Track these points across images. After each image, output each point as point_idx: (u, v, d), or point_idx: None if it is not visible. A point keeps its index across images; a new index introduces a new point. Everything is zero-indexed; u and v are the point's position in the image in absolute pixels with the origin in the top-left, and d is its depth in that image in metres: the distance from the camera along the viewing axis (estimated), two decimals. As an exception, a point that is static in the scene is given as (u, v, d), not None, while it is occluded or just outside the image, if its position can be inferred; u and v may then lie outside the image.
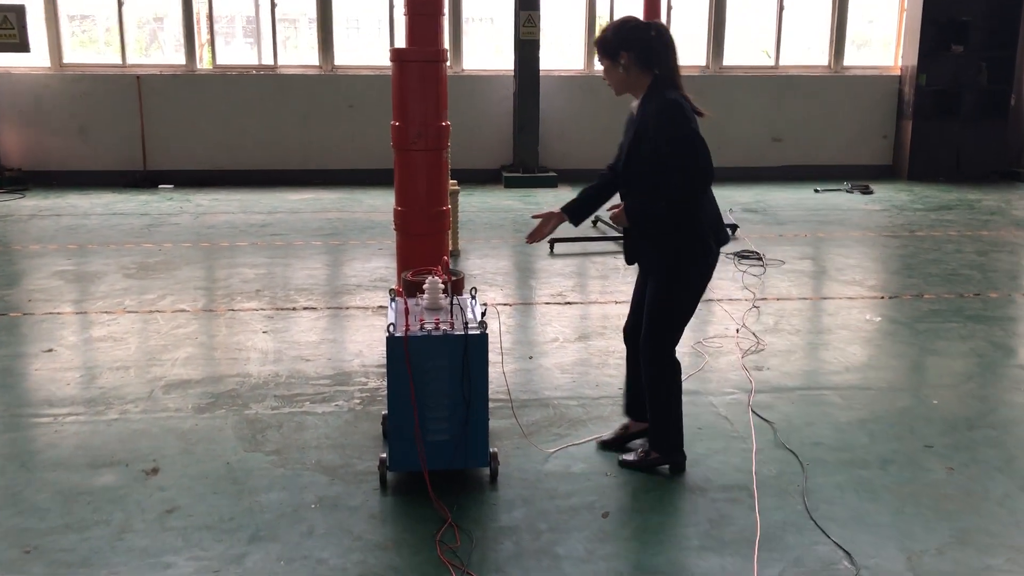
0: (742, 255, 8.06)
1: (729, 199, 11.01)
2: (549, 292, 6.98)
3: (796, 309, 6.57)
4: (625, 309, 6.71)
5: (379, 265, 7.72)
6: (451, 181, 8.41)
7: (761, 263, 7.82)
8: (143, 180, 12.31)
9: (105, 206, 10.64)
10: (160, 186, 12.19)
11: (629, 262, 4.02)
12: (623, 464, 4.00)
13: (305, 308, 6.48)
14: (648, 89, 3.72)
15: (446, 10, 6.33)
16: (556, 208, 4.11)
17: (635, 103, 3.83)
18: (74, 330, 5.92)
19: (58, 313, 6.29)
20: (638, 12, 8.56)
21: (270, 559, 3.22)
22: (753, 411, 4.59)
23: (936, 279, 7.39)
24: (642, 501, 3.68)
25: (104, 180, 12.25)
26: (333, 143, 12.60)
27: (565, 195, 11.89)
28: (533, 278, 7.52)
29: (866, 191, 11.85)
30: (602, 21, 13.27)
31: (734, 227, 9.06)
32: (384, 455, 3.77)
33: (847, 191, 11.99)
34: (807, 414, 4.59)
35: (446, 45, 6.46)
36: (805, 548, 3.33)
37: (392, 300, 4.16)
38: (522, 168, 12.65)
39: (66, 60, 12.47)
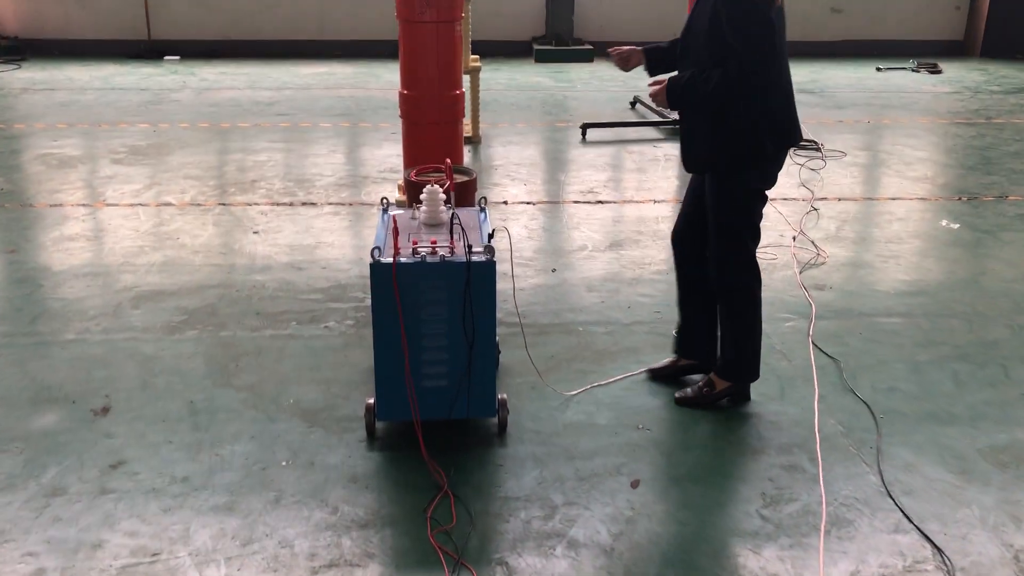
0: (799, 145, 7.16)
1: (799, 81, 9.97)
2: (579, 188, 6.21)
3: (860, 212, 5.76)
4: (665, 210, 5.99)
5: (391, 153, 6.96)
6: (472, 56, 7.55)
7: (820, 155, 6.95)
8: (147, 51, 11.47)
9: (104, 79, 9.87)
10: (166, 58, 11.36)
11: (688, 168, 3.31)
12: (680, 401, 3.41)
13: (304, 204, 5.78)
14: None
15: None
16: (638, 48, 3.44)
17: None
18: (44, 226, 5.29)
19: (29, 206, 5.65)
20: None
21: (223, 538, 2.64)
22: (814, 344, 3.88)
23: (1021, 177, 6.49)
24: (681, 467, 3.04)
25: (107, 50, 11.43)
26: (351, 10, 11.59)
27: (602, 71, 11.00)
28: (562, 170, 6.73)
29: (934, 70, 10.72)
30: None
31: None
32: (372, 400, 3.15)
33: (913, 70, 10.87)
34: (878, 349, 3.88)
35: None
36: (881, 537, 2.69)
37: (384, 211, 3.45)
38: (555, 40, 11.61)
39: (60, -84, 11.45)
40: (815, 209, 5.69)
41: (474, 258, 2.99)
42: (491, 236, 3.10)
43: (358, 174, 6.47)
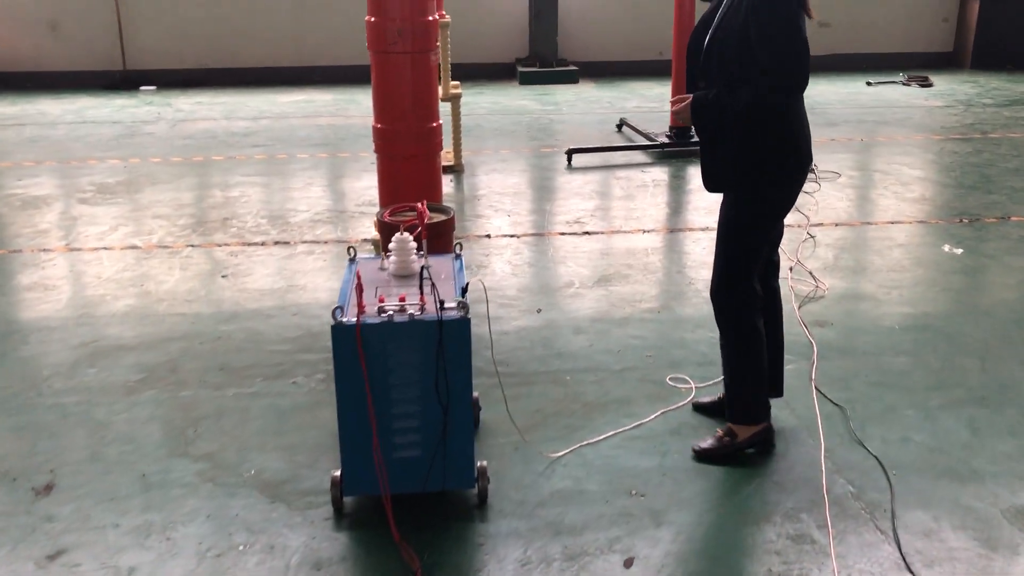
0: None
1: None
2: (565, 218, 5.96)
3: (858, 238, 5.51)
4: (654, 240, 5.71)
5: (370, 184, 6.68)
6: (452, 83, 7.32)
7: (814, 176, 6.71)
8: (123, 82, 11.21)
9: (76, 112, 9.61)
10: (141, 88, 11.10)
11: (710, 188, 3.15)
12: (698, 454, 3.18)
13: (277, 243, 5.51)
14: None
15: None
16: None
17: None
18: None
19: (-15, 253, 5.38)
20: None
21: (170, 643, 2.36)
22: (818, 390, 3.62)
23: (1021, 195, 6.27)
24: (678, 540, 2.76)
25: (81, 81, 11.17)
26: (330, 35, 11.37)
27: (588, 92, 10.78)
28: (547, 199, 6.48)
29: (925, 83, 10.54)
30: None
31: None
32: (338, 473, 2.87)
33: (903, 83, 10.68)
34: (886, 394, 3.62)
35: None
36: (904, 621, 2.42)
37: (350, 261, 3.19)
38: (539, 62, 11.40)
39: (30, -54, 11.21)
40: (811, 236, 5.45)
41: (446, 315, 2.72)
42: (465, 289, 2.84)
43: (335, 208, 6.21)
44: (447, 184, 6.74)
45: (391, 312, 2.73)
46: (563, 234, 5.65)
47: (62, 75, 11.24)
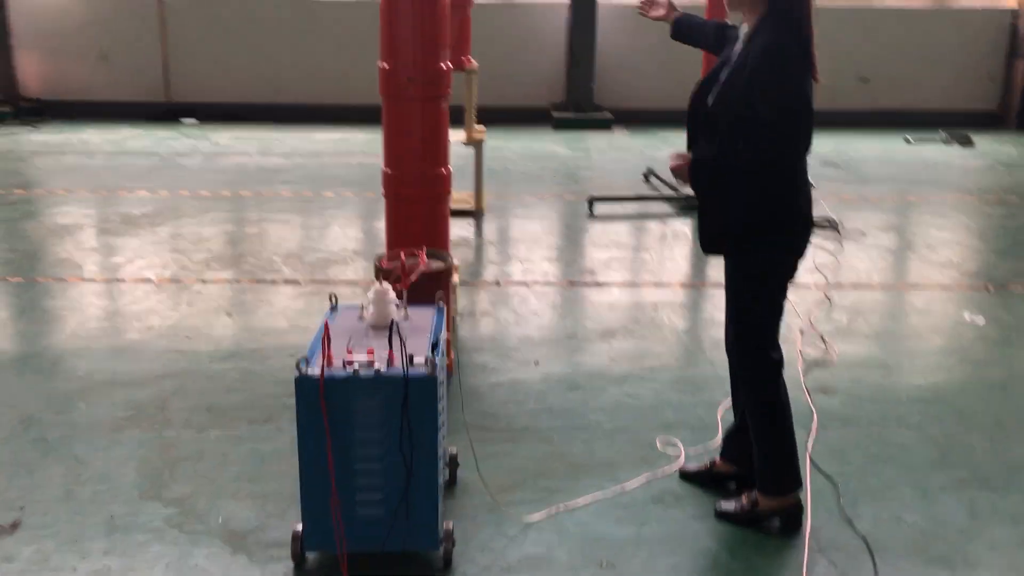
0: (816, 223, 6.78)
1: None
2: (578, 268, 5.89)
3: (876, 301, 5.36)
4: (666, 295, 5.61)
5: (388, 225, 6.70)
6: (477, 127, 7.35)
7: (837, 234, 6.57)
8: (166, 113, 11.44)
9: (116, 143, 9.81)
10: (183, 120, 11.32)
11: (707, 250, 3.12)
12: (721, 515, 3.10)
13: (287, 281, 5.52)
14: (762, 17, 2.87)
15: None
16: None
17: (743, 29, 2.98)
18: (8, 302, 5.08)
19: (1, 279, 5.46)
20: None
21: None
22: (813, 462, 3.49)
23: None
24: (643, 616, 2.65)
25: (126, 112, 11.41)
26: (369, 75, 11.47)
27: (620, 140, 10.75)
28: (564, 247, 6.42)
29: (966, 143, 10.32)
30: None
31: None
32: (299, 527, 2.81)
33: (943, 142, 10.47)
34: (884, 469, 3.48)
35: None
36: None
37: (332, 309, 3.16)
38: (574, 108, 11.41)
39: (83, -19, 11.57)
40: (827, 298, 5.31)
41: (413, 372, 2.67)
42: (435, 347, 2.78)
43: (350, 248, 6.22)
44: (465, 228, 6.74)
45: (357, 366, 2.68)
46: (574, 284, 5.58)
47: (109, 105, 11.50)
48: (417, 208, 4.82)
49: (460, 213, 7.13)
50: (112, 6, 11.37)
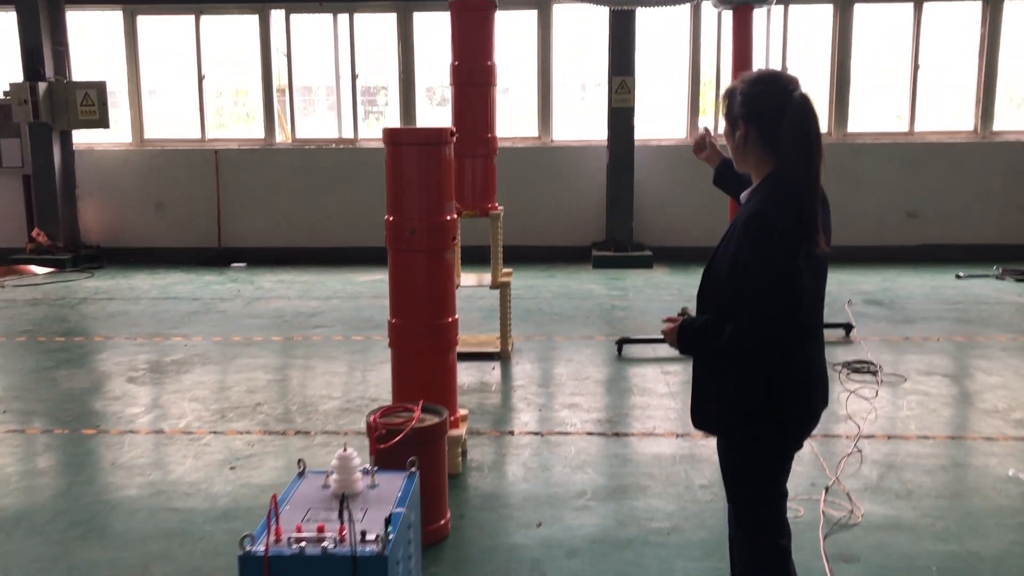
0: (853, 366, 6.53)
1: (851, 286, 9.42)
2: (597, 416, 5.70)
3: (912, 454, 5.03)
4: (686, 446, 5.31)
5: (410, 371, 6.64)
6: (504, 270, 7.36)
7: (875, 379, 6.27)
8: (217, 258, 11.80)
9: (163, 288, 10.08)
10: (233, 264, 11.65)
11: (696, 425, 2.88)
12: None
13: (297, 432, 5.45)
14: (764, 179, 2.71)
15: (506, 80, 5.28)
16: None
17: (745, 192, 2.82)
18: (17, 453, 5.09)
19: (14, 431, 5.49)
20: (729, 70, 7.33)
21: None
22: (822, 646, 3.17)
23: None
24: None
25: (180, 257, 11.82)
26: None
27: (659, 278, 10.65)
28: (588, 392, 6.25)
29: (1021, 278, 9.96)
30: (708, 82, 12.02)
31: (848, 327, 7.54)
32: None
33: (996, 277, 10.13)
34: (905, 654, 3.14)
35: (534, 117, 5.52)
36: None
37: (299, 476, 3.04)
38: (614, 246, 11.42)
39: (147, 136, 12.23)
40: (858, 450, 5.00)
41: (363, 550, 2.52)
42: (388, 521, 2.63)
43: (367, 396, 6.15)
44: (488, 372, 6.64)
45: (306, 542, 2.54)
46: (591, 434, 5.38)
47: (164, 251, 11.93)
48: (422, 359, 4.77)
49: (485, 356, 7.06)
50: (168, 158, 11.95)
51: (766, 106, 2.66)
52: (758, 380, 2.64)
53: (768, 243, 2.54)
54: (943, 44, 11.56)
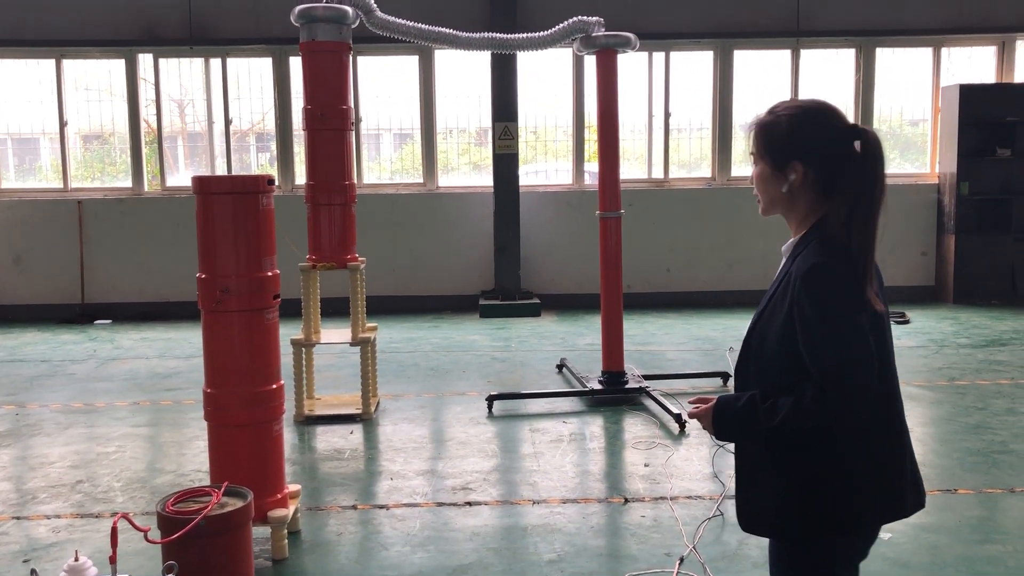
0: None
1: (736, 332, 9.29)
2: (452, 483, 5.30)
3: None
4: (543, 514, 4.74)
5: (259, 438, 6.12)
6: (368, 324, 6.96)
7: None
8: (80, 315, 11.07)
9: (11, 350, 9.33)
10: (96, 322, 10.92)
11: (744, 527, 2.37)
12: None
13: (114, 514, 4.88)
14: (811, 228, 2.30)
15: (370, 122, 4.91)
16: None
17: (787, 243, 2.38)
18: None
19: None
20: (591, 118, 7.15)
21: None
22: None
23: (975, 461, 5.52)
24: None
25: (40, 315, 11.07)
26: (286, 271, 11.23)
27: (545, 327, 10.35)
28: (445, 455, 5.84)
29: (901, 320, 10.01)
30: (592, 127, 11.92)
31: (727, 376, 7.37)
32: None
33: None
34: None
35: (417, 163, 5.16)
36: None
37: (28, 589, 2.56)
38: (502, 295, 11.12)
39: (3, 186, 11.47)
40: (720, 513, 4.70)
41: None
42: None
43: (204, 470, 5.61)
44: (343, 437, 6.19)
45: None
46: (442, 504, 4.97)
47: (21, 308, 11.16)
48: (242, 432, 4.32)
49: (345, 418, 6.61)
50: (28, 209, 11.21)
51: (832, 145, 2.27)
52: (819, 465, 2.21)
53: (834, 296, 2.16)
54: (822, 88, 11.73)
